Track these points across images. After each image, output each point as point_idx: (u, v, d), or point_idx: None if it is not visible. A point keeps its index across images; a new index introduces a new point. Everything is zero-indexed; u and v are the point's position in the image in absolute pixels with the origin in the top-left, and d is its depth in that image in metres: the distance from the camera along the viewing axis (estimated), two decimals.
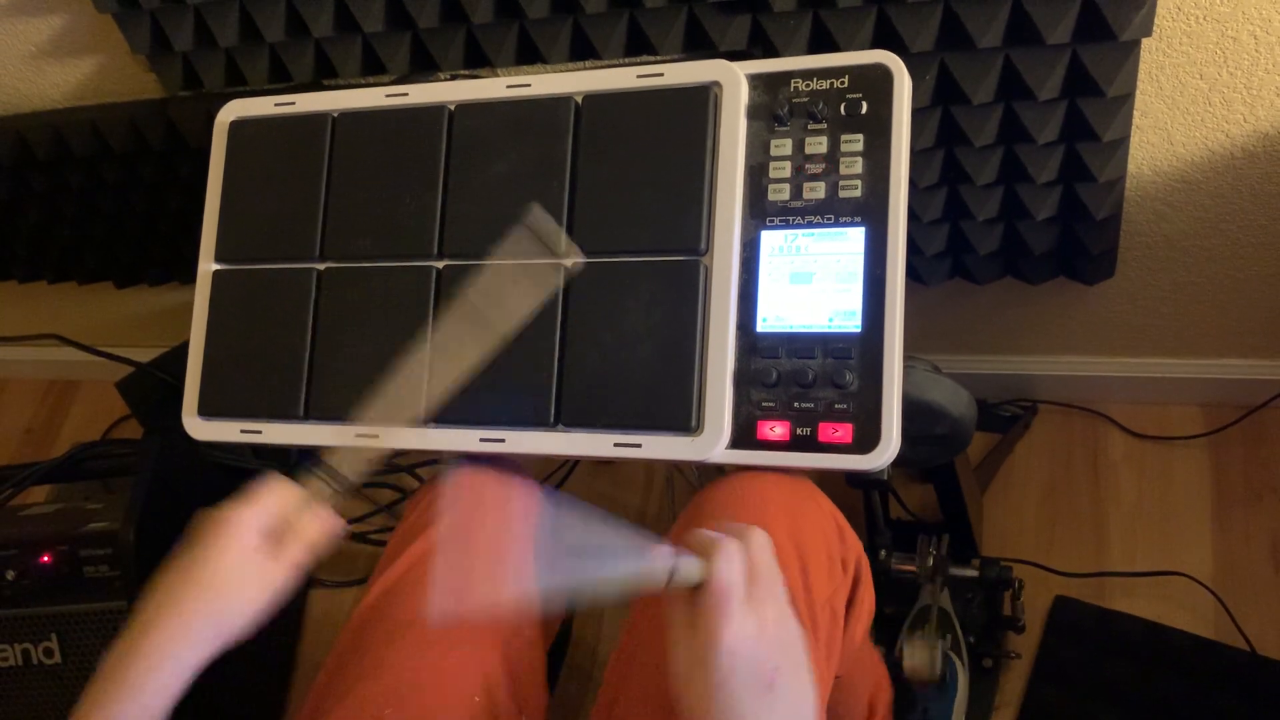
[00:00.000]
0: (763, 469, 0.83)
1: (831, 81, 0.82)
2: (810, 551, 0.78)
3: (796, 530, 0.78)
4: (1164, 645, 1.20)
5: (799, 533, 0.78)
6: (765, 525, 0.78)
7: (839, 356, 0.79)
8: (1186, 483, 1.33)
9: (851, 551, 0.84)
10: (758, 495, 0.81)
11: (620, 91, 0.86)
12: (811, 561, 0.78)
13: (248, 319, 0.93)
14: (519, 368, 0.84)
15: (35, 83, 1.26)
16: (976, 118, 0.99)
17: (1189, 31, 0.95)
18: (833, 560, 0.80)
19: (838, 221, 0.81)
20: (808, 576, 0.77)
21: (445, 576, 0.83)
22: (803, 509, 0.81)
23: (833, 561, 0.80)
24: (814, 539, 0.80)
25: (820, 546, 0.80)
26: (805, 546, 0.78)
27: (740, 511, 0.79)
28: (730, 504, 0.80)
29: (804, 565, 0.77)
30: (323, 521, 0.71)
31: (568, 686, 1.33)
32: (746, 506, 0.80)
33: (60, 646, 1.16)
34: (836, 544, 0.82)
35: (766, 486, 0.82)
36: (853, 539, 0.85)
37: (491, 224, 0.87)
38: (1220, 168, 1.07)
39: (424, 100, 0.91)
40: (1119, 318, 1.28)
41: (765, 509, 0.80)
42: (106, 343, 1.46)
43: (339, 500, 0.71)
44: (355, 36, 1.09)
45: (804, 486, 0.83)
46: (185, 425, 0.94)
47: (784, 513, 0.80)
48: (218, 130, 0.96)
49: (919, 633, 1.16)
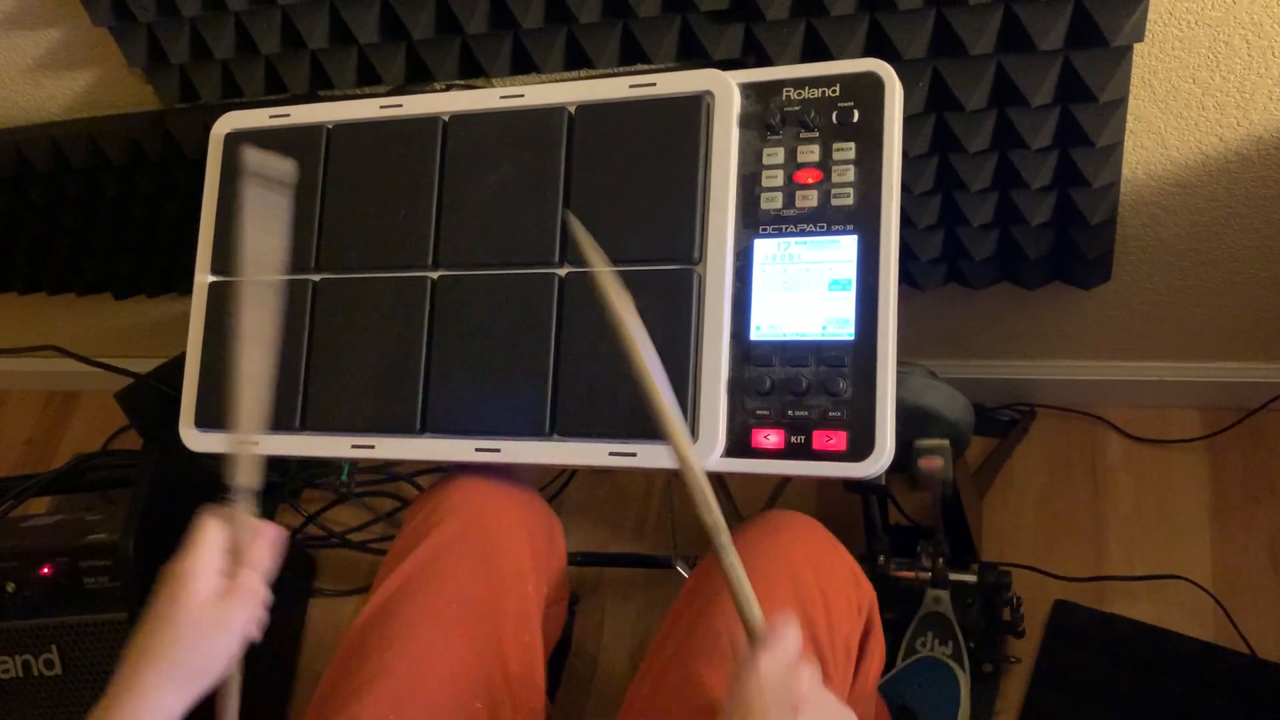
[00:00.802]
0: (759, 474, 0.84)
1: (823, 90, 0.83)
2: (833, 589, 0.81)
3: (820, 568, 0.83)
4: (1164, 649, 1.20)
5: (822, 570, 0.82)
6: (792, 560, 0.82)
7: (833, 364, 0.79)
8: (1185, 486, 1.33)
9: (865, 598, 0.87)
10: (786, 534, 0.84)
11: (613, 101, 0.86)
12: (834, 599, 0.81)
13: None
14: (514, 377, 0.85)
15: (33, 95, 1.26)
16: (970, 124, 0.99)
17: (1181, 36, 0.95)
18: (850, 604, 0.83)
19: (830, 230, 0.81)
20: (830, 613, 0.80)
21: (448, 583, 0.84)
22: (825, 550, 0.85)
23: (850, 605, 0.83)
24: (836, 579, 0.83)
25: (841, 590, 0.83)
26: (828, 585, 0.81)
27: (768, 548, 0.82)
28: (758, 540, 0.83)
29: (827, 602, 0.80)
30: (262, 539, 0.71)
31: (568, 694, 1.33)
32: (775, 543, 0.83)
33: (60, 658, 1.16)
34: (854, 590, 0.85)
35: (791, 530, 0.85)
36: (867, 587, 0.88)
37: (486, 234, 0.88)
38: (1214, 171, 1.07)
39: (418, 111, 0.92)
40: (1115, 322, 1.28)
41: (792, 546, 0.83)
42: (106, 354, 1.47)
43: (258, 508, 0.72)
44: (350, 48, 1.09)
45: (825, 534, 0.87)
46: (182, 437, 0.94)
47: (808, 554, 0.83)
48: (213, 143, 0.97)
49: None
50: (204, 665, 0.67)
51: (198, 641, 0.67)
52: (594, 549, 1.43)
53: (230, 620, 0.68)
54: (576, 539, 1.46)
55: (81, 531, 1.18)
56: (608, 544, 1.45)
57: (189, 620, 0.67)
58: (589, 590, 1.40)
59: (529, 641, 0.85)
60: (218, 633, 0.68)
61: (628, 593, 1.40)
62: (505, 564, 0.86)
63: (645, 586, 1.39)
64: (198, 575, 0.68)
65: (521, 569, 0.87)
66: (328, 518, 1.56)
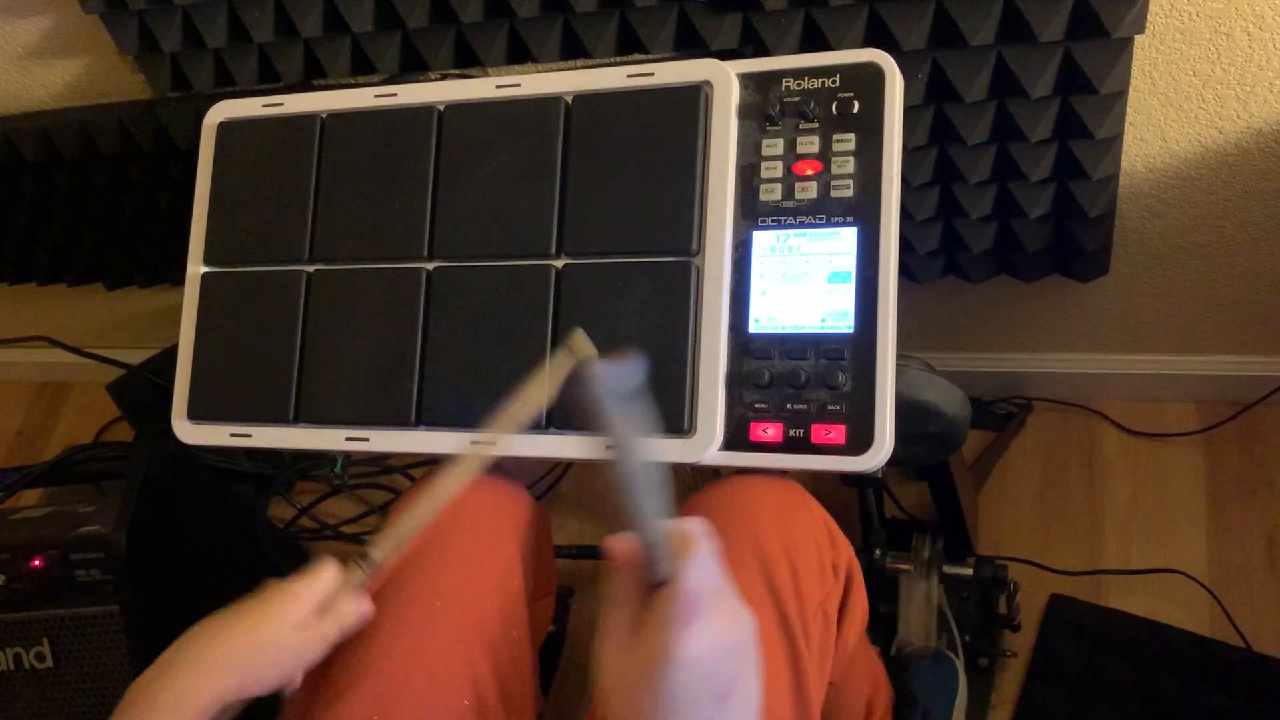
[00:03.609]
0: (755, 471, 0.83)
1: (823, 80, 0.82)
2: (801, 556, 0.78)
3: (787, 536, 0.78)
4: (1159, 642, 1.20)
5: (790, 538, 0.78)
6: (756, 530, 0.78)
7: (832, 357, 0.78)
8: (1181, 480, 1.33)
9: (843, 556, 0.83)
10: (749, 500, 0.81)
11: (610, 91, 0.86)
12: (802, 566, 0.77)
13: (237, 322, 0.92)
14: (510, 369, 0.84)
15: (23, 84, 1.25)
16: (969, 116, 0.99)
17: (1182, 28, 0.95)
18: (824, 565, 0.80)
19: (830, 221, 0.80)
20: (799, 583, 0.77)
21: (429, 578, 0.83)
22: (794, 514, 0.81)
23: (824, 567, 0.80)
24: (805, 544, 0.79)
25: (811, 552, 0.79)
26: (796, 552, 0.78)
27: (732, 516, 0.79)
28: (721, 509, 0.80)
29: (795, 571, 0.77)
30: (359, 606, 0.76)
31: (563, 686, 1.33)
32: (738, 512, 0.80)
33: (52, 651, 1.15)
34: (828, 549, 0.82)
35: (757, 492, 0.81)
36: (844, 544, 0.85)
37: (481, 225, 0.87)
38: (1214, 164, 1.06)
39: (413, 101, 0.91)
40: (1113, 315, 1.27)
41: (756, 514, 0.79)
42: (97, 345, 1.45)
43: (369, 581, 0.77)
44: (344, 37, 1.08)
45: (795, 492, 0.83)
46: (174, 429, 0.93)
47: (775, 518, 0.79)
48: (205, 132, 0.96)
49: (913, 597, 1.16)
50: (263, 673, 0.71)
51: (270, 650, 0.71)
52: (589, 542, 1.43)
53: (300, 649, 0.72)
54: (571, 532, 1.46)
55: (73, 524, 1.17)
56: (602, 537, 1.45)
57: (274, 629, 0.71)
58: (584, 583, 1.40)
59: (517, 636, 0.85)
60: (287, 652, 0.72)
61: None
62: (491, 559, 0.85)
63: None
64: (300, 600, 0.73)
65: (508, 563, 0.87)
66: (321, 510, 1.56)
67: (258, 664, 0.71)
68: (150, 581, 1.15)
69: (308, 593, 0.73)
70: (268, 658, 0.71)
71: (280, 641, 0.72)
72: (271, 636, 0.71)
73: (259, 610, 0.72)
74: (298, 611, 0.72)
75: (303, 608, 0.73)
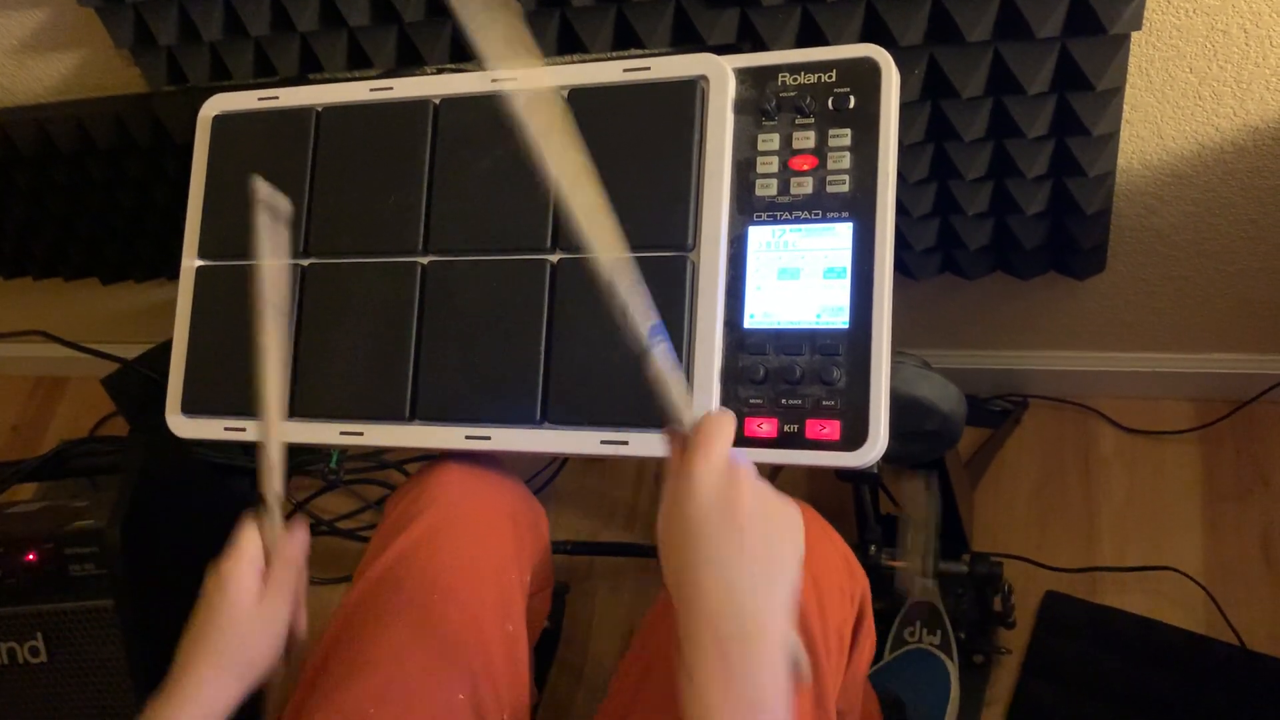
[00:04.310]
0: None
1: (819, 76, 0.82)
2: (824, 579, 0.80)
3: (811, 558, 0.79)
4: (1154, 640, 1.20)
5: (813, 561, 0.79)
6: None
7: (827, 353, 0.78)
8: (1177, 477, 1.32)
9: (858, 586, 0.85)
10: None
11: (606, 86, 0.85)
12: (825, 588, 0.79)
13: (231, 316, 0.92)
14: (505, 364, 0.84)
15: (18, 77, 1.25)
16: (966, 112, 0.99)
17: (1179, 25, 0.95)
18: (843, 592, 0.82)
19: (825, 217, 0.80)
20: (822, 602, 0.78)
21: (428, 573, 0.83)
22: (816, 540, 0.82)
23: (843, 593, 0.82)
24: (827, 566, 0.81)
25: (833, 574, 0.81)
26: (819, 573, 0.79)
27: None
28: None
29: (819, 591, 0.78)
30: (295, 539, 0.75)
31: (559, 684, 1.33)
32: None
33: (46, 645, 1.15)
34: (846, 579, 0.83)
35: None
36: (860, 574, 0.86)
37: (477, 220, 0.87)
38: (1210, 162, 1.06)
39: (409, 94, 0.90)
40: (1109, 312, 1.27)
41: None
42: (93, 339, 1.46)
43: (286, 510, 0.77)
44: (340, 30, 1.08)
45: (817, 521, 0.85)
46: (169, 423, 0.93)
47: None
48: (200, 125, 0.95)
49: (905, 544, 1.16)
50: (251, 659, 0.71)
51: (245, 638, 0.71)
52: (585, 538, 1.43)
53: (272, 615, 0.72)
54: (567, 528, 1.46)
55: (67, 518, 1.17)
56: (599, 533, 1.45)
57: (234, 618, 0.71)
58: (580, 579, 1.40)
59: (512, 631, 0.85)
60: (261, 627, 0.71)
61: (618, 582, 1.39)
62: (487, 553, 0.85)
63: (636, 575, 1.39)
64: (240, 575, 0.72)
65: (504, 558, 0.87)
66: (316, 505, 1.56)
67: (242, 654, 0.70)
68: (144, 576, 1.15)
69: (244, 562, 0.72)
70: (247, 642, 0.71)
71: (247, 623, 0.71)
72: (238, 624, 0.71)
73: (211, 607, 0.71)
74: (245, 586, 0.71)
75: (246, 577, 0.72)
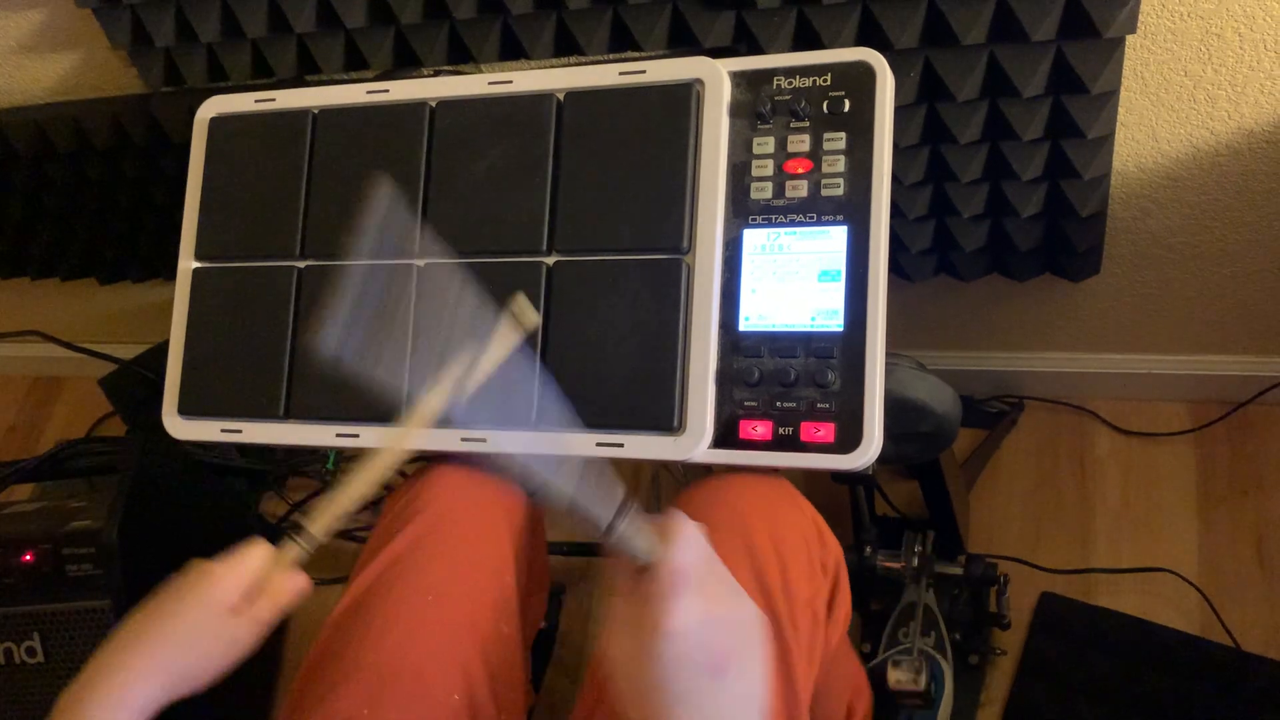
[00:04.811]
0: (745, 469, 0.83)
1: (814, 79, 0.82)
2: (790, 553, 0.78)
3: (777, 532, 0.78)
4: (1149, 641, 1.20)
5: (779, 535, 0.78)
6: (745, 527, 0.78)
7: (821, 356, 0.78)
8: (1172, 479, 1.33)
9: (831, 555, 0.84)
10: (738, 497, 0.81)
11: (603, 89, 0.86)
12: (791, 563, 0.78)
13: (228, 317, 0.92)
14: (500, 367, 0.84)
15: (15, 78, 1.25)
16: (961, 115, 0.99)
17: (1173, 28, 0.95)
18: (813, 563, 0.80)
19: (820, 220, 0.80)
20: (787, 578, 0.77)
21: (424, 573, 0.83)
22: (783, 512, 0.81)
23: (813, 564, 0.80)
24: (794, 541, 0.80)
25: (800, 549, 0.80)
26: (785, 548, 0.78)
27: (721, 513, 0.79)
28: (711, 506, 0.80)
29: (784, 567, 0.77)
30: (294, 583, 0.73)
31: (555, 684, 1.33)
32: (727, 508, 0.80)
33: (43, 646, 1.15)
34: (817, 547, 0.82)
35: (746, 489, 0.81)
36: (833, 542, 0.85)
37: (473, 222, 0.87)
38: (1205, 164, 1.06)
39: (405, 97, 0.91)
40: (1105, 314, 1.28)
41: (746, 511, 0.80)
42: (90, 340, 1.46)
43: (307, 559, 0.74)
44: (338, 32, 1.08)
45: (784, 489, 0.83)
46: (165, 424, 0.93)
47: (764, 515, 0.80)
48: (197, 127, 0.96)
49: (901, 648, 1.16)
50: (195, 667, 0.67)
51: (199, 642, 0.67)
52: (582, 539, 1.43)
53: (234, 636, 0.69)
54: (563, 529, 1.46)
55: (64, 519, 1.17)
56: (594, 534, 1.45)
57: (197, 618, 0.68)
58: (575, 580, 1.40)
59: (508, 633, 0.85)
60: (218, 642, 0.68)
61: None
62: (483, 555, 0.85)
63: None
64: (225, 582, 0.69)
65: (500, 559, 0.87)
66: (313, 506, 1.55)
67: (186, 659, 0.67)
68: (141, 576, 1.15)
69: (234, 575, 0.69)
70: (197, 650, 0.67)
71: (208, 630, 0.67)
72: (198, 626, 0.67)
73: (181, 599, 0.68)
74: (223, 596, 0.68)
75: (228, 591, 0.69)
